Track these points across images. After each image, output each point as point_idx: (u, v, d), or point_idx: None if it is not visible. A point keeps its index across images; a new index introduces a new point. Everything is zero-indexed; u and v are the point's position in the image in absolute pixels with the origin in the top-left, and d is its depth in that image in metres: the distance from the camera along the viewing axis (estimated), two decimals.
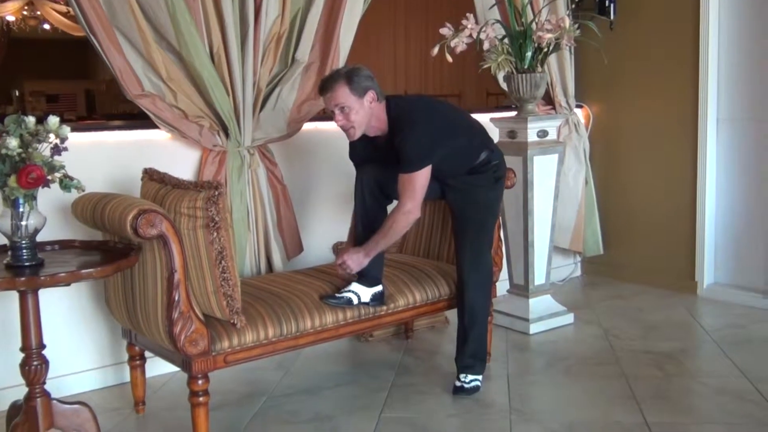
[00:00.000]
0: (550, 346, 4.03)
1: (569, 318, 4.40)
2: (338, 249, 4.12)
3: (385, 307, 3.30)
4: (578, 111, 5.31)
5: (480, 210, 3.37)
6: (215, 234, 2.73)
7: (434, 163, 3.14)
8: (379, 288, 3.26)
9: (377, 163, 3.25)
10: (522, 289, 4.34)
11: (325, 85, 3.11)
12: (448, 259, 3.71)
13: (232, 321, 2.84)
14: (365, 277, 3.23)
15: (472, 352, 3.41)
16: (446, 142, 3.18)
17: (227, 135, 3.68)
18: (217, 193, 2.72)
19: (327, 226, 4.23)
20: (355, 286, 3.19)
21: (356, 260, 3.18)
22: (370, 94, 3.12)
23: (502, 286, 4.28)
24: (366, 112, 3.11)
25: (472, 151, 3.33)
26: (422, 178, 3.11)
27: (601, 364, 3.73)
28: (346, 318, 3.17)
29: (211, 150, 3.67)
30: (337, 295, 3.17)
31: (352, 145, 3.33)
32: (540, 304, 4.33)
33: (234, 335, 2.86)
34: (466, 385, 3.37)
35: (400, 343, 4.10)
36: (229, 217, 2.81)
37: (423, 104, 3.25)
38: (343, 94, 3.07)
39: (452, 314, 3.92)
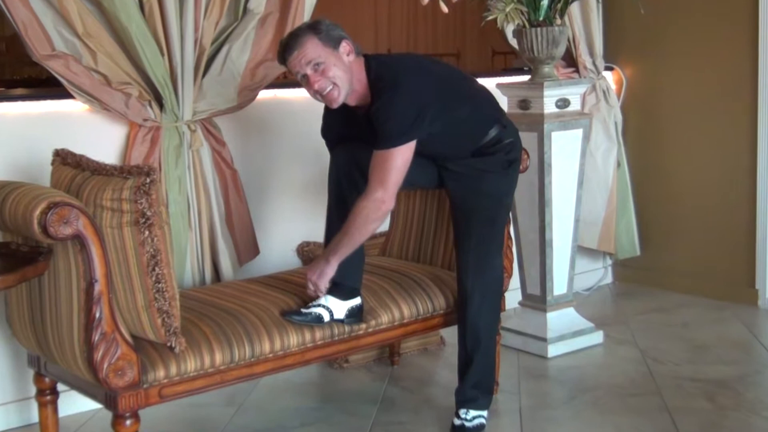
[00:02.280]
0: (574, 372, 4.05)
1: (597, 337, 4.42)
2: (304, 251, 4.12)
3: (364, 325, 3.30)
4: (608, 75, 5.33)
5: (488, 202, 3.38)
6: (147, 233, 2.72)
7: (422, 139, 3.14)
8: (356, 301, 3.27)
9: (358, 141, 3.25)
10: (538, 300, 4.36)
11: (288, 44, 3.10)
12: (445, 263, 3.71)
13: (168, 344, 2.84)
14: (339, 287, 3.23)
15: (475, 382, 3.42)
16: (441, 114, 3.18)
17: (161, 106, 3.67)
18: (148, 180, 2.71)
19: (290, 222, 4.23)
20: (326, 299, 3.20)
21: (317, 274, 3.18)
22: (345, 44, 3.13)
23: (512, 297, 4.30)
24: (345, 66, 3.12)
25: (477, 126, 3.34)
26: (401, 157, 3.08)
27: (638, 395, 3.75)
28: (315, 339, 3.17)
29: (141, 125, 3.66)
30: (303, 310, 3.17)
31: (327, 117, 3.33)
32: (561, 319, 4.35)
33: (172, 362, 2.85)
34: (467, 423, 3.37)
35: (383, 371, 4.10)
36: (164, 212, 2.80)
37: (411, 63, 3.26)
38: (313, 46, 3.08)
39: (449, 333, 3.93)
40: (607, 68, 5.32)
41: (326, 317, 3.18)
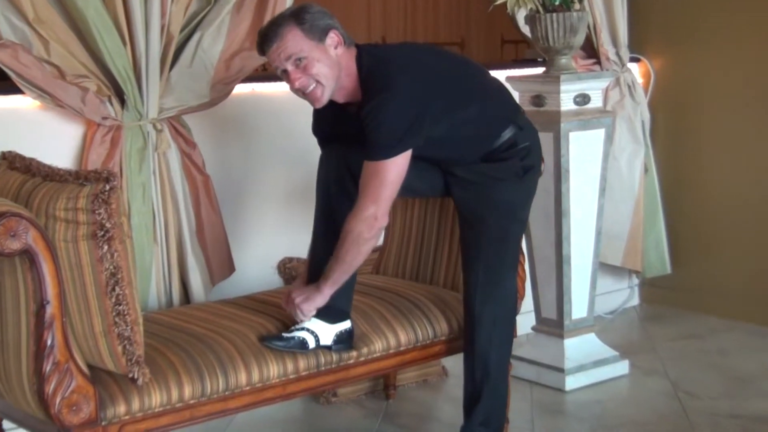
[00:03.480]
0: (595, 408, 4.06)
1: (622, 367, 4.43)
2: (286, 269, 4.12)
3: (355, 353, 3.29)
4: (633, 67, 5.35)
5: (500, 214, 3.38)
6: (106, 248, 2.72)
7: (420, 145, 3.14)
8: (346, 325, 3.26)
9: (349, 141, 3.26)
10: (554, 325, 4.37)
11: (267, 35, 3.10)
12: (447, 283, 3.71)
13: (130, 375, 2.83)
14: (326, 309, 3.22)
15: (483, 419, 3.41)
16: (444, 114, 3.18)
17: (123, 103, 3.68)
18: (108, 187, 2.70)
19: (270, 236, 4.23)
20: (311, 323, 3.20)
21: (309, 303, 3.18)
22: (333, 35, 3.12)
23: (524, 321, 4.28)
24: (332, 61, 3.11)
25: (488, 127, 3.34)
26: (395, 169, 3.09)
27: None
28: (299, 369, 3.16)
29: (100, 125, 3.66)
30: (284, 335, 3.17)
31: (316, 113, 3.33)
32: (580, 347, 4.36)
33: (134, 396, 2.83)
34: None
35: (377, 406, 4.10)
36: (125, 224, 2.79)
37: (407, 57, 3.25)
38: (294, 39, 3.07)
39: (452, 362, 3.93)
40: (633, 59, 5.33)
41: (311, 343, 3.18)
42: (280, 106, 4.14)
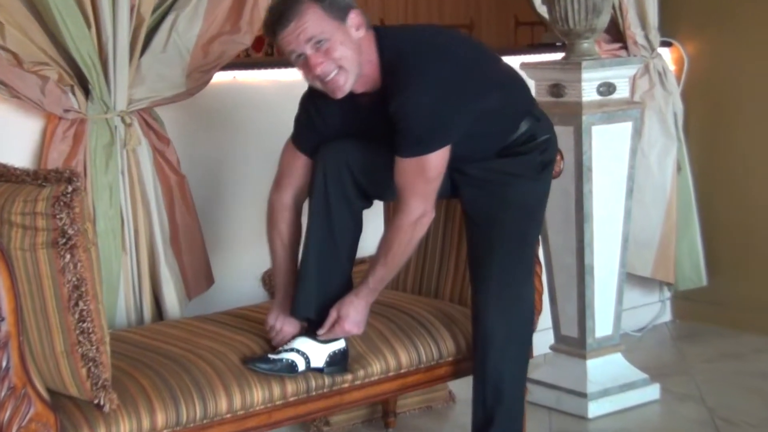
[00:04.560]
0: None
1: (653, 392, 4.43)
2: (271, 281, 4.12)
3: (350, 376, 3.29)
4: (665, 52, 5.35)
5: (517, 214, 3.39)
6: (68, 257, 2.71)
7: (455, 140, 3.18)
8: (339, 345, 3.27)
9: (352, 139, 3.26)
10: (575, 344, 4.37)
11: (282, 14, 3.07)
12: (454, 296, 3.72)
13: (96, 401, 2.82)
14: (317, 326, 3.23)
15: None
16: (471, 104, 3.21)
17: (87, 93, 3.67)
18: (70, 189, 2.69)
19: (254, 244, 4.21)
20: (300, 342, 3.20)
21: (355, 315, 3.22)
22: (354, 16, 3.13)
23: (542, 339, 4.28)
24: (354, 45, 3.12)
25: (506, 119, 3.35)
26: (439, 163, 3.16)
27: None
28: (286, 394, 3.15)
29: (62, 118, 3.66)
30: (270, 356, 3.17)
31: (310, 107, 3.30)
32: (605, 369, 4.36)
33: (100, 425, 2.82)
34: None
35: None
36: (90, 230, 2.78)
37: (431, 40, 3.27)
38: (315, 18, 3.06)
39: (460, 387, 3.93)
40: (664, 44, 5.34)
41: (301, 365, 3.18)
42: (265, 97, 4.14)
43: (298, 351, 3.19)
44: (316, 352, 3.21)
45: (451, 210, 3.66)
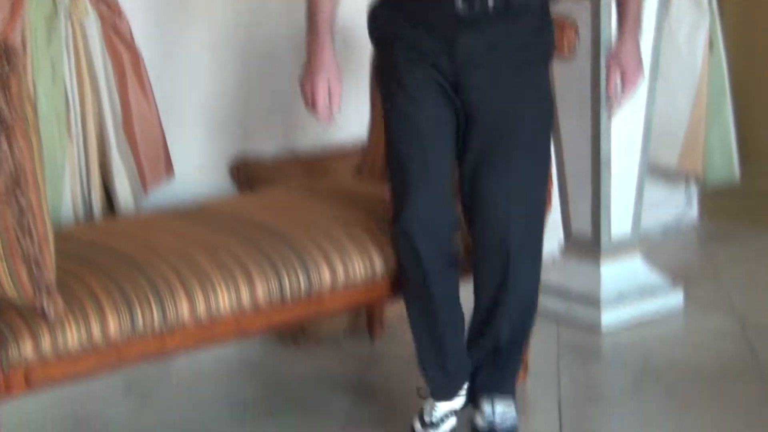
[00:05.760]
0: (639, 351, 4.10)
1: (676, 299, 4.47)
2: (240, 172, 4.12)
3: (328, 276, 3.29)
4: None
5: (535, 110, 3.36)
6: (4, 144, 2.71)
7: None
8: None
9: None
10: (588, 245, 4.40)
11: None
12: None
13: (39, 307, 2.83)
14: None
15: (513, 370, 3.51)
16: None
17: None
18: (7, 66, 2.69)
19: (220, 129, 4.23)
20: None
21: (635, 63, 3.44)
22: None
23: (550, 240, 4.27)
24: None
25: None
26: None
27: (736, 383, 3.79)
28: (257, 299, 3.16)
29: None
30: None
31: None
32: (621, 273, 4.39)
33: (44, 333, 2.82)
34: (498, 425, 3.42)
35: (358, 348, 4.15)
36: (30, 113, 2.78)
37: None
38: None
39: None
40: None
41: None
42: None
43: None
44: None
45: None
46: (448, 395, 3.42)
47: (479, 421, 3.43)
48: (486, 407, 3.43)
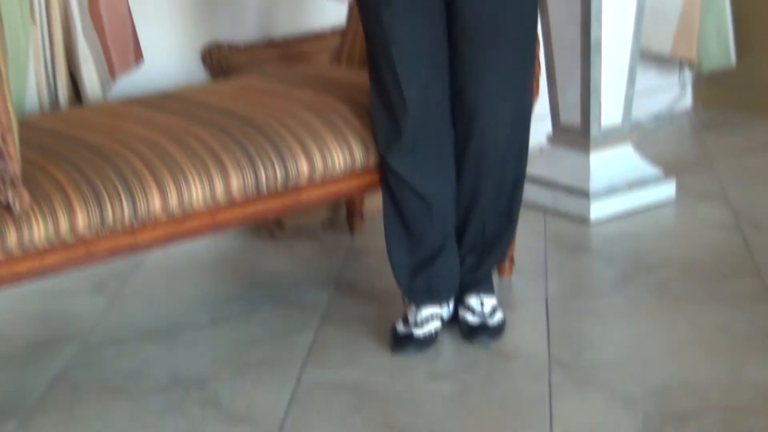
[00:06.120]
0: (629, 244, 4.11)
1: (667, 190, 4.47)
2: (213, 57, 4.09)
3: (306, 167, 3.29)
4: None
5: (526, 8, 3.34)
6: None
7: None
8: None
9: None
10: (577, 134, 4.39)
11: None
12: None
13: (3, 200, 2.82)
14: None
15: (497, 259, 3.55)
16: None
17: None
18: None
19: (190, 14, 4.19)
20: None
21: None
22: None
23: (537, 129, 4.24)
24: None
25: None
26: None
27: (727, 278, 3.79)
28: (231, 191, 3.16)
29: None
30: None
31: None
32: (611, 162, 4.39)
33: (9, 228, 2.82)
34: (490, 321, 3.45)
35: (337, 240, 4.17)
36: None
37: None
38: None
39: None
40: None
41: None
42: None
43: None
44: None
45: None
46: (430, 299, 3.42)
47: (470, 318, 3.45)
48: (475, 304, 3.45)
